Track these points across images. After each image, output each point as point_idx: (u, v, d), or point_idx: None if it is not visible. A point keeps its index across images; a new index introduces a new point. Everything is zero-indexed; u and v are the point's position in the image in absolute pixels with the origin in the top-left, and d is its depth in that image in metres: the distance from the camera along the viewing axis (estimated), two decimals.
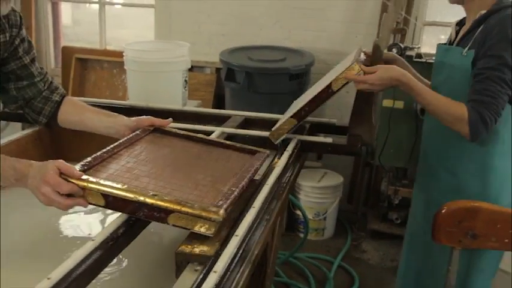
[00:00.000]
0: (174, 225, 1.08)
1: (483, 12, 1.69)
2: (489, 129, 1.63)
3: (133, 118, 1.57)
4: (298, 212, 3.30)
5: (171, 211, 1.07)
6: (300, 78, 3.24)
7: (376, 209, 3.50)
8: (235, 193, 1.18)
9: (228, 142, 1.58)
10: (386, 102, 2.87)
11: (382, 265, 3.22)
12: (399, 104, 2.86)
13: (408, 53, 2.85)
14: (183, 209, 1.07)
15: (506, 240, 1.49)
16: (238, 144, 1.56)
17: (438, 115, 1.69)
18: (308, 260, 3.17)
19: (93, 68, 4.16)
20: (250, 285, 1.33)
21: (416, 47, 3.02)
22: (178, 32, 3.93)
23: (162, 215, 1.08)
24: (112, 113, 1.63)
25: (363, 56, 1.82)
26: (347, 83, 1.68)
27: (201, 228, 1.07)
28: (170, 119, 1.60)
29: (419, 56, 2.91)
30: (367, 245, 3.42)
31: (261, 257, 1.28)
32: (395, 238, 3.35)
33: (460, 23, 1.85)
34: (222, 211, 1.08)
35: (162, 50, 2.85)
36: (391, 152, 2.95)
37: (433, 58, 1.96)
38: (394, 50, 2.76)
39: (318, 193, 3.38)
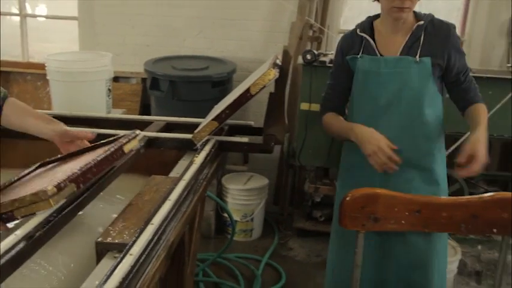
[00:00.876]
0: (22, 217, 1.14)
1: (421, 23, 1.89)
2: None
3: (65, 128, 1.57)
4: (227, 215, 3.40)
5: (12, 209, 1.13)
6: (222, 86, 3.37)
7: (301, 208, 3.66)
8: (77, 170, 1.19)
9: (111, 138, 1.54)
10: (304, 106, 3.04)
11: (308, 261, 3.38)
12: (316, 107, 3.03)
13: (322, 58, 3.03)
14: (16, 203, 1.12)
15: (403, 222, 1.67)
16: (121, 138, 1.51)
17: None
18: (237, 260, 3.28)
19: (15, 80, 4.11)
20: (169, 272, 1.44)
21: (330, 53, 3.22)
22: (103, 44, 3.97)
23: (9, 214, 1.13)
24: (51, 118, 1.62)
25: (278, 61, 1.97)
26: (264, 87, 1.81)
27: (42, 208, 1.11)
28: (93, 133, 1.61)
29: (332, 61, 3.12)
30: (293, 242, 3.57)
31: (178, 246, 1.39)
32: (320, 235, 3.53)
33: (365, 32, 1.98)
34: (51, 187, 1.10)
35: (84, 60, 2.89)
36: (310, 152, 3.12)
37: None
38: (308, 56, 2.94)
39: (244, 195, 3.50)
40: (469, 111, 1.96)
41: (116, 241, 1.13)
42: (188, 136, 1.89)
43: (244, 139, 1.95)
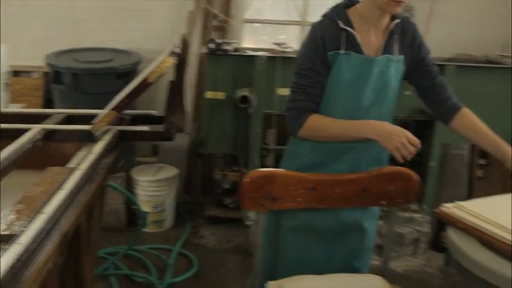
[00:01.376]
0: None
1: (398, 21, 1.83)
2: None
3: None
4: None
5: None
6: (127, 77, 3.34)
7: (212, 196, 3.71)
8: None
9: None
10: (209, 94, 3.08)
11: (220, 247, 3.43)
12: (220, 95, 3.09)
13: (225, 47, 3.08)
14: None
15: (299, 199, 1.76)
16: None
17: None
18: (148, 251, 3.28)
19: None
20: (67, 261, 1.43)
21: (234, 41, 3.28)
22: None
23: None
24: None
25: (177, 50, 1.99)
26: (162, 75, 1.83)
27: None
28: None
29: (236, 50, 3.19)
30: (205, 230, 3.62)
31: (76, 235, 1.39)
32: (231, 221, 3.60)
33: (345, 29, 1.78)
34: None
35: None
36: (217, 140, 3.18)
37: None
38: (211, 45, 2.98)
39: (154, 186, 3.50)
40: (470, 123, 1.88)
41: (7, 232, 1.12)
42: (88, 127, 1.88)
43: (145, 128, 1.96)
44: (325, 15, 1.82)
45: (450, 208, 1.58)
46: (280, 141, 3.25)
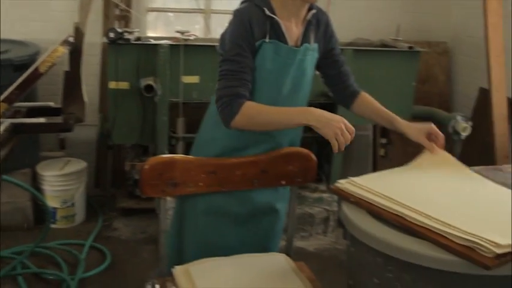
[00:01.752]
0: None
1: (314, 11, 1.86)
2: None
3: None
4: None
5: None
6: (25, 69, 3.18)
7: (123, 188, 3.67)
8: None
9: None
10: (112, 84, 3.03)
11: (134, 238, 3.41)
12: (124, 85, 3.04)
13: (127, 36, 3.04)
14: None
15: (201, 184, 1.79)
16: None
17: None
18: (59, 247, 3.19)
19: None
20: None
21: (135, 30, 3.24)
22: None
23: None
24: None
25: (70, 39, 1.95)
26: (53, 64, 1.79)
27: None
28: None
29: (138, 39, 3.16)
30: (118, 223, 3.57)
31: None
32: (144, 212, 3.57)
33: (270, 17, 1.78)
34: None
35: None
36: (124, 131, 3.13)
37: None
38: (111, 34, 2.93)
39: (62, 181, 3.41)
40: (367, 103, 1.98)
41: None
42: None
43: (41, 120, 1.91)
44: (249, 1, 1.79)
45: (343, 184, 1.66)
46: (189, 129, 3.25)
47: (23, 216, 3.39)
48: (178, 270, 1.73)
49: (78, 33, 1.94)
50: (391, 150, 4.04)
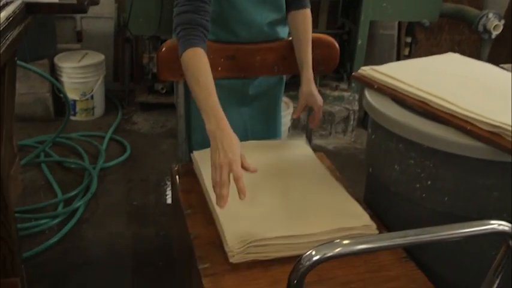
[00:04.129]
0: None
1: None
2: None
3: None
4: None
5: None
6: None
7: (142, 82, 3.64)
8: None
9: None
10: None
11: (153, 132, 3.44)
12: None
13: None
14: None
15: (220, 69, 1.73)
16: None
17: None
18: (80, 138, 3.24)
19: None
20: None
21: None
22: None
23: None
24: None
25: None
26: None
27: None
28: None
29: None
30: (137, 117, 3.59)
31: None
32: (163, 107, 3.58)
33: None
34: None
35: None
36: (141, 21, 3.04)
37: None
38: None
39: (80, 73, 3.39)
40: (297, 23, 1.77)
41: None
42: None
43: (55, 0, 1.84)
44: None
45: (366, 71, 1.61)
46: None
47: (43, 108, 3.41)
48: (197, 155, 1.71)
49: None
50: (416, 50, 3.92)
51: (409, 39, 3.86)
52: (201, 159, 1.66)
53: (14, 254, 1.65)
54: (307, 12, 1.79)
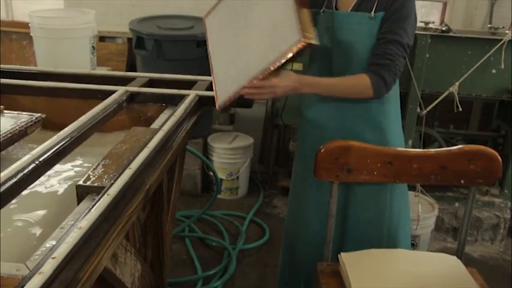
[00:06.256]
0: None
1: None
2: (389, 89, 1.77)
3: None
4: (213, 174, 3.47)
5: None
6: (205, 46, 3.38)
7: (286, 167, 3.73)
8: None
9: None
10: (295, 66, 3.05)
11: None
12: (298, 66, 3.06)
13: None
14: None
15: (375, 173, 1.74)
16: None
17: (346, 93, 1.80)
18: (222, 217, 3.36)
19: (0, 40, 4.10)
20: (149, 216, 1.50)
21: None
22: (88, 3, 3.95)
23: None
24: None
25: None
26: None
27: None
28: None
29: None
30: (278, 201, 3.66)
31: (158, 192, 1.45)
32: None
33: None
34: None
35: (67, 16, 2.90)
36: (293, 112, 3.17)
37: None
38: None
39: (230, 154, 3.56)
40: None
41: (95, 184, 1.19)
42: (170, 91, 1.94)
43: None
44: None
45: None
46: None
47: (192, 184, 3.62)
48: (345, 257, 1.70)
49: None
50: None
51: None
52: (349, 261, 1.64)
53: None
54: (364, 75, 1.75)
